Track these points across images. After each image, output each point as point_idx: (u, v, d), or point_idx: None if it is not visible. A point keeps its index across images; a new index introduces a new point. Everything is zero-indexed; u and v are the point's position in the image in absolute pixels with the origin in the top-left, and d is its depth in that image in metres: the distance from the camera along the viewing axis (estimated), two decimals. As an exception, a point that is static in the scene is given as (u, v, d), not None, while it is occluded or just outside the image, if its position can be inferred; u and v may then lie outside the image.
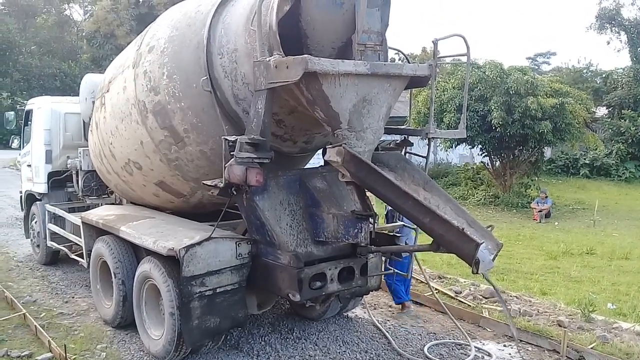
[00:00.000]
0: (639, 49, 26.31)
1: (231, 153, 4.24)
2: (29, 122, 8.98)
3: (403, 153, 5.27)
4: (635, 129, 23.85)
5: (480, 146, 17.68)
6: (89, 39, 39.82)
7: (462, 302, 7.04)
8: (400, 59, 13.39)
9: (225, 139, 4.31)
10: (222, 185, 4.40)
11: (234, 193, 4.49)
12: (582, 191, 21.33)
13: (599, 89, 28.04)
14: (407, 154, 5.33)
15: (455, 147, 18.94)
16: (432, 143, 5.31)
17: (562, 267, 9.58)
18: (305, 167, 5.88)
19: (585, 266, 9.77)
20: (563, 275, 9.00)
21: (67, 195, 8.55)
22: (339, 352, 5.56)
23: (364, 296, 6.32)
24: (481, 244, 3.76)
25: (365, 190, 4.46)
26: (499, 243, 4.20)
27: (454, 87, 16.76)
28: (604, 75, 28.52)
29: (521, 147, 17.44)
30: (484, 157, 19.26)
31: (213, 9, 4.86)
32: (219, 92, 4.75)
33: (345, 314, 6.54)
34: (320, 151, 5.58)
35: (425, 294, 7.19)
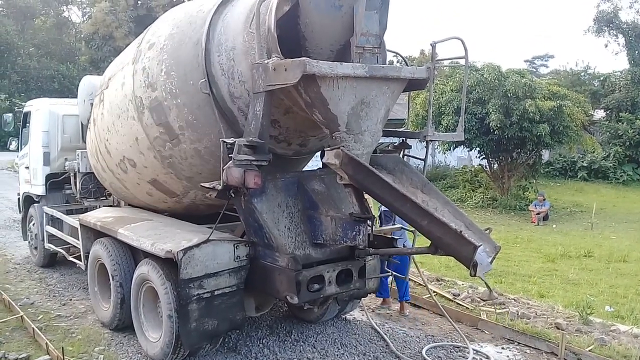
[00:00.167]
0: (636, 52, 26.32)
1: (229, 155, 4.24)
2: (27, 124, 8.98)
3: (401, 155, 5.28)
4: (633, 132, 23.85)
5: (478, 149, 17.67)
6: (88, 41, 39.77)
7: (460, 305, 7.05)
8: (398, 61, 13.43)
9: (224, 142, 4.32)
10: (220, 187, 4.40)
11: (232, 195, 4.49)
12: (579, 194, 21.35)
13: (597, 92, 28.03)
14: (405, 157, 5.34)
15: (454, 149, 18.96)
16: (430, 145, 5.32)
17: (560, 270, 9.59)
18: (303, 169, 5.88)
19: (583, 269, 9.78)
20: (561, 278, 9.01)
21: (65, 197, 8.55)
22: (337, 355, 5.56)
23: (362, 298, 6.32)
24: (479, 246, 3.77)
25: (363, 193, 4.47)
26: (497, 245, 4.22)
27: (452, 90, 16.77)
28: (601, 78, 28.50)
29: (519, 150, 17.45)
30: (482, 159, 19.28)
31: (214, 7, 4.89)
32: (215, 90, 4.75)
33: (344, 316, 6.53)
34: (318, 154, 5.59)
35: (424, 297, 7.20)
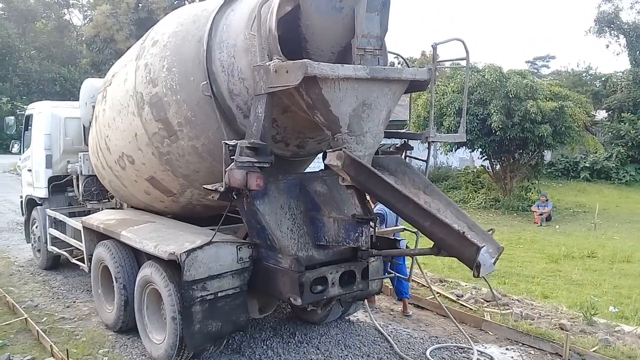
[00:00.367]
0: (637, 52, 26.31)
1: (231, 157, 4.24)
2: (29, 127, 9.00)
3: (403, 157, 5.28)
4: (635, 132, 23.83)
5: (480, 150, 17.67)
6: (89, 44, 39.90)
7: (464, 306, 7.04)
8: (399, 63, 13.43)
9: (226, 144, 4.32)
10: (222, 189, 4.40)
11: (235, 197, 4.49)
12: (582, 194, 21.32)
13: (599, 93, 27.99)
14: (407, 158, 5.33)
15: (456, 150, 18.95)
16: (432, 147, 5.30)
17: (563, 270, 9.57)
18: (305, 171, 5.88)
19: (587, 269, 9.76)
20: (564, 279, 8.99)
21: (68, 199, 8.56)
22: (341, 356, 5.55)
23: (365, 300, 6.32)
24: (482, 247, 3.76)
25: (366, 194, 4.46)
26: (500, 246, 4.21)
27: (453, 91, 16.76)
28: (603, 79, 28.45)
29: (521, 151, 17.44)
30: (484, 160, 19.26)
31: (218, 6, 4.93)
32: (215, 87, 4.75)
33: (347, 317, 6.53)
34: (320, 155, 5.59)
35: (427, 298, 7.20)
